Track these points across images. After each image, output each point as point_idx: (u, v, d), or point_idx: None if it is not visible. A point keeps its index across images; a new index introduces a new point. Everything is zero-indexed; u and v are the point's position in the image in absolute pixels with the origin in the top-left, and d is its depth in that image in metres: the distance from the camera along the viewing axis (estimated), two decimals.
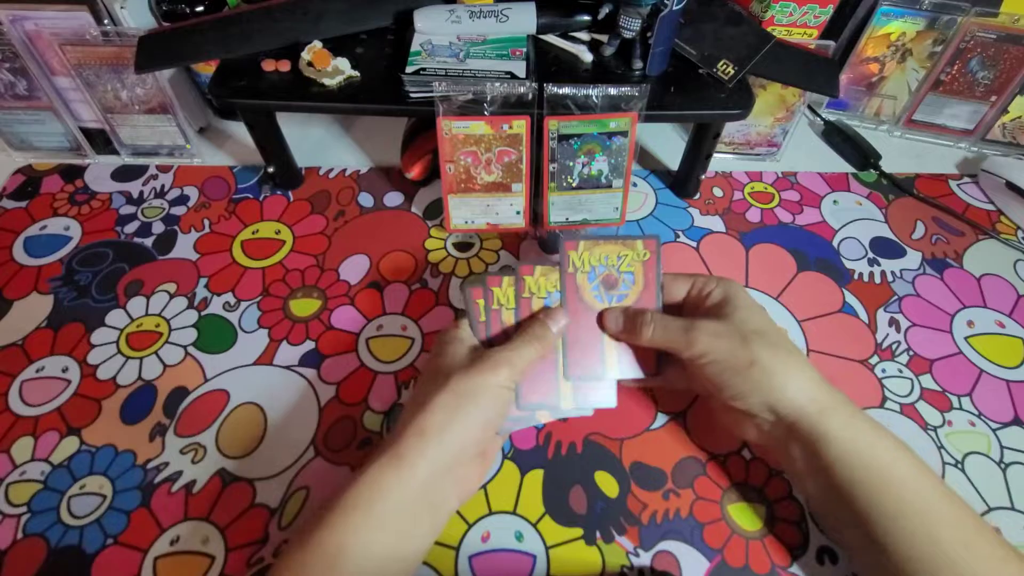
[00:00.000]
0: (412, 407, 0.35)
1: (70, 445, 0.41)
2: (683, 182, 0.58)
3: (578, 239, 0.40)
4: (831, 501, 0.34)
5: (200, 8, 0.52)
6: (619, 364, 0.40)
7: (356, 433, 0.42)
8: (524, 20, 0.49)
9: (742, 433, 0.38)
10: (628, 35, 0.47)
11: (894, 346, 0.48)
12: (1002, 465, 0.42)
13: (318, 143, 0.63)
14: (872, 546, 0.32)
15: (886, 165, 0.61)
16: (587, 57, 0.50)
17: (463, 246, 0.54)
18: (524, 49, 0.49)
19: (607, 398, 0.40)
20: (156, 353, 0.46)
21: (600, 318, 0.40)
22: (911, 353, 0.48)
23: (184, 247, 0.53)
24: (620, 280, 0.41)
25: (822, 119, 0.65)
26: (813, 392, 0.34)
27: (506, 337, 0.38)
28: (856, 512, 0.32)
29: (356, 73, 0.48)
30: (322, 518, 0.31)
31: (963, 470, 0.42)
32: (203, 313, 0.49)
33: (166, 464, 0.41)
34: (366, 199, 0.57)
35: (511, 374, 0.35)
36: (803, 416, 0.34)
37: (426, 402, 0.34)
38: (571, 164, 0.47)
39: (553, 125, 0.45)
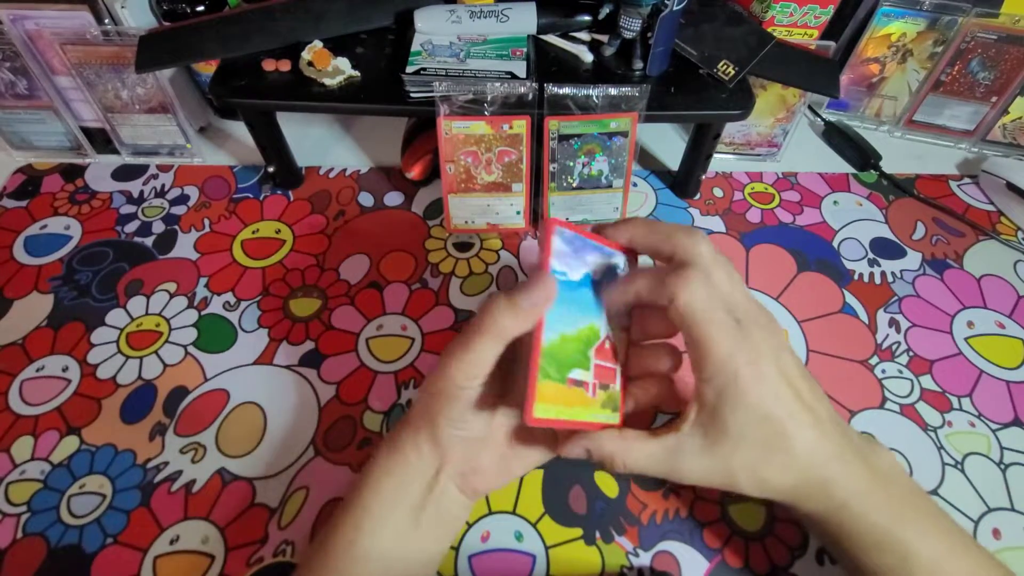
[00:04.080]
0: None
1: (70, 444, 0.41)
2: (683, 182, 0.58)
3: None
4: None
5: (200, 8, 0.52)
6: None
7: (356, 433, 0.42)
8: (524, 20, 0.49)
9: None
10: (628, 35, 0.47)
11: (894, 347, 0.48)
12: (1002, 466, 0.42)
13: (318, 143, 0.63)
14: None
15: (886, 166, 0.61)
16: (587, 57, 0.50)
17: (463, 246, 0.53)
18: (524, 49, 0.49)
19: None
20: (156, 352, 0.46)
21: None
22: (911, 354, 0.48)
23: (184, 246, 0.53)
24: None
25: (822, 120, 0.65)
26: (792, 494, 0.31)
27: None
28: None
29: (356, 73, 0.48)
30: (333, 519, 0.32)
31: (963, 471, 0.42)
32: (203, 313, 0.49)
33: (166, 463, 0.41)
34: (366, 199, 0.57)
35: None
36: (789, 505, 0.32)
37: None
38: (571, 164, 0.47)
39: (553, 125, 0.45)
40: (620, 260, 0.33)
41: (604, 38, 0.50)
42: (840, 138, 0.63)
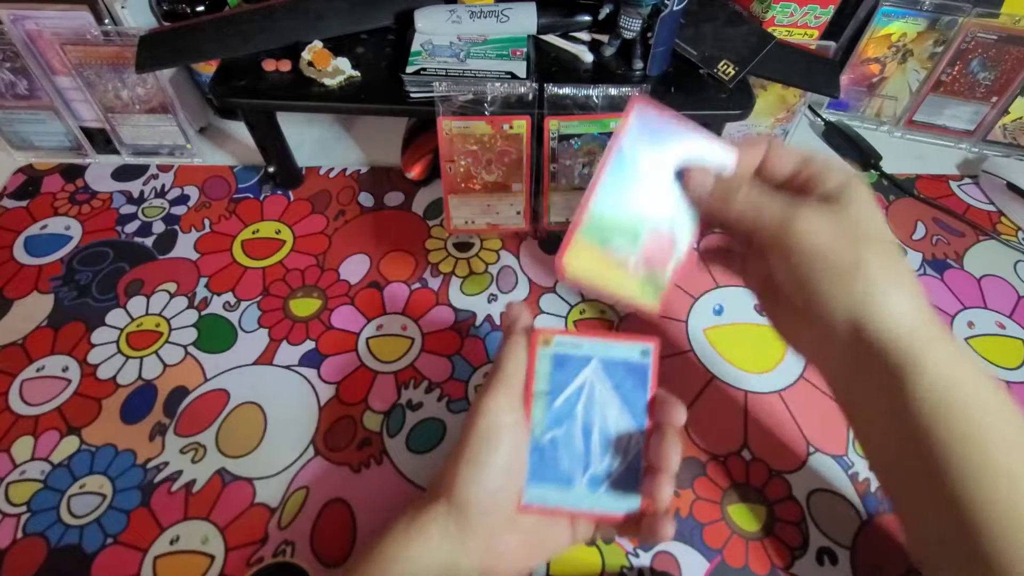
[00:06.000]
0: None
1: (70, 444, 0.41)
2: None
3: None
4: (895, 447, 0.29)
5: (200, 8, 0.52)
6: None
7: (356, 433, 0.42)
8: (525, 20, 0.49)
9: (797, 342, 0.33)
10: (629, 35, 0.47)
11: None
12: None
13: (318, 143, 0.63)
14: (937, 508, 0.28)
15: (887, 166, 0.61)
16: (587, 57, 0.50)
17: (463, 246, 0.54)
18: (524, 49, 0.49)
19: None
20: (156, 353, 0.46)
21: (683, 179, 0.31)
22: None
23: (184, 247, 0.53)
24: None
25: (823, 120, 0.65)
26: (916, 320, 0.28)
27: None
28: (931, 462, 0.27)
29: (356, 73, 0.48)
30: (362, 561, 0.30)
31: None
32: (203, 313, 0.49)
33: (166, 464, 0.41)
34: (366, 199, 0.57)
35: (507, 395, 0.30)
36: (897, 344, 0.28)
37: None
38: (571, 164, 0.47)
39: (553, 125, 0.45)
40: (715, 156, 0.31)
41: (604, 38, 0.50)
42: (840, 138, 0.63)
